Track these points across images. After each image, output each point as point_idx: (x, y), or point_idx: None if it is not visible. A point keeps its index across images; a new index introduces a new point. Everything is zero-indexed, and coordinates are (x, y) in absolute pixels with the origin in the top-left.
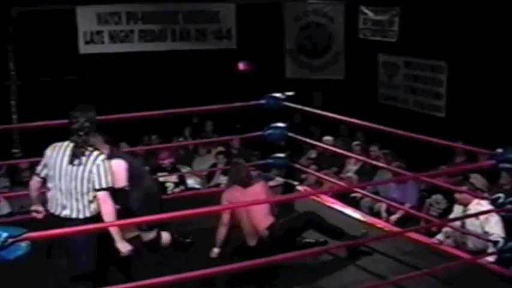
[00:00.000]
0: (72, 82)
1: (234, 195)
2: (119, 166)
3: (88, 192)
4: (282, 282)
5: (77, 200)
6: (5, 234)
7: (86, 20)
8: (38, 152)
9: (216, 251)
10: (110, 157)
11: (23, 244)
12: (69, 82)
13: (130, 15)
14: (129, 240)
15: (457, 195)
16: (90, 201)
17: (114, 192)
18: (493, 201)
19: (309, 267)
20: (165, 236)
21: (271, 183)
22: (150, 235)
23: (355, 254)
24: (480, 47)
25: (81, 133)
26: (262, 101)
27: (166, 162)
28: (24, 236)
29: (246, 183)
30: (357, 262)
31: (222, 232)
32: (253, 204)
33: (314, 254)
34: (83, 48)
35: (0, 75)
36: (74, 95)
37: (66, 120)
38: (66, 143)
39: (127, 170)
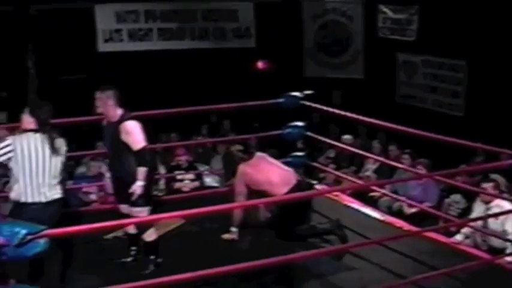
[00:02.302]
0: (91, 80)
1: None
2: (136, 126)
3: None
4: (299, 279)
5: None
6: (23, 231)
7: (104, 18)
8: None
9: (234, 230)
10: (123, 119)
11: (41, 241)
12: (87, 80)
13: (149, 14)
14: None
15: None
16: None
17: (136, 154)
18: None
19: (327, 265)
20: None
21: None
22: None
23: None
24: (499, 46)
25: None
26: (281, 100)
27: (183, 159)
28: (43, 233)
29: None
30: (375, 261)
31: (240, 202)
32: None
33: (332, 252)
34: (102, 47)
35: (20, 73)
36: (92, 92)
37: (86, 118)
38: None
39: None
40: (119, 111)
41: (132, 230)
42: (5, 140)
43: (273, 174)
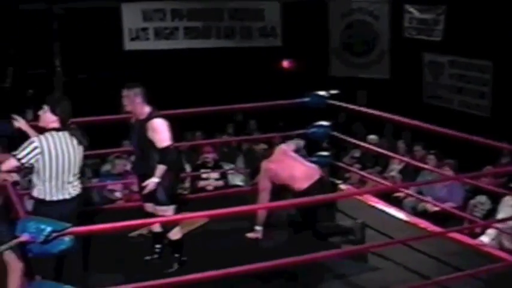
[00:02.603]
0: (117, 78)
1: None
2: (162, 124)
3: None
4: (322, 279)
5: None
6: (49, 229)
7: (131, 16)
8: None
9: (258, 228)
10: (151, 116)
11: (66, 238)
12: (114, 78)
13: (175, 12)
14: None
15: None
16: None
17: (160, 152)
18: None
19: (351, 265)
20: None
21: None
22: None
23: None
24: None
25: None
26: (307, 99)
27: (210, 157)
28: (68, 230)
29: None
30: (399, 261)
31: (264, 199)
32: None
33: (356, 252)
34: (128, 45)
35: (47, 72)
36: (119, 91)
37: (112, 116)
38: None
39: (169, 128)
40: (147, 109)
41: (157, 228)
42: (32, 142)
43: (296, 169)
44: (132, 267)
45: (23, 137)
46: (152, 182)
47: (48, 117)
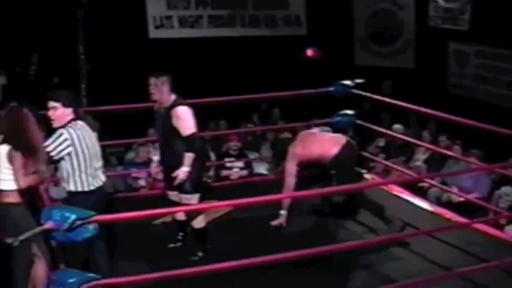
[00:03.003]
0: (142, 66)
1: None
2: (187, 112)
3: None
4: (346, 267)
5: None
6: (73, 216)
7: (155, 4)
8: (105, 135)
9: (283, 213)
10: (175, 104)
11: (91, 226)
12: (138, 66)
13: (200, 0)
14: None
15: None
16: None
17: (185, 140)
18: None
19: (374, 254)
20: None
21: None
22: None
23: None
24: None
25: None
26: (331, 88)
27: (234, 146)
28: (92, 218)
29: None
30: (423, 252)
31: (290, 183)
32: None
33: (380, 242)
34: (153, 33)
35: (71, 59)
36: (143, 79)
37: (136, 104)
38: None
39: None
40: (172, 97)
41: (181, 216)
42: (61, 134)
43: (322, 141)
44: (155, 255)
45: (48, 124)
46: (182, 171)
47: (64, 113)
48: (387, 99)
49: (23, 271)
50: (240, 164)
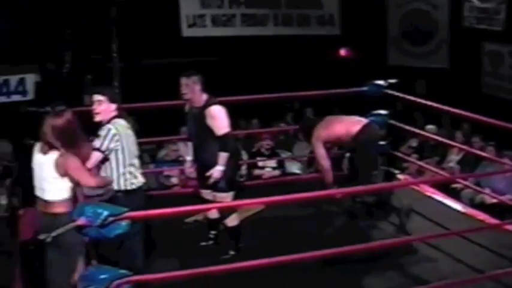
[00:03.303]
0: (175, 65)
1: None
2: (221, 111)
3: None
4: (377, 267)
5: None
6: (105, 213)
7: (188, 3)
8: (137, 133)
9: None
10: (209, 104)
11: (123, 223)
12: (171, 65)
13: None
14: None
15: None
16: None
17: (220, 139)
18: None
19: (406, 254)
20: None
21: None
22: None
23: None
24: None
25: None
26: (365, 88)
27: (267, 145)
28: (125, 215)
29: None
30: (454, 253)
31: (326, 165)
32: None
33: (408, 242)
34: (186, 32)
35: (104, 57)
36: (176, 77)
37: (169, 102)
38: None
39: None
40: (204, 96)
41: (213, 214)
42: (109, 130)
43: (344, 122)
44: (187, 253)
45: (80, 122)
46: (217, 170)
47: (108, 108)
48: (419, 100)
49: (56, 269)
50: (273, 163)
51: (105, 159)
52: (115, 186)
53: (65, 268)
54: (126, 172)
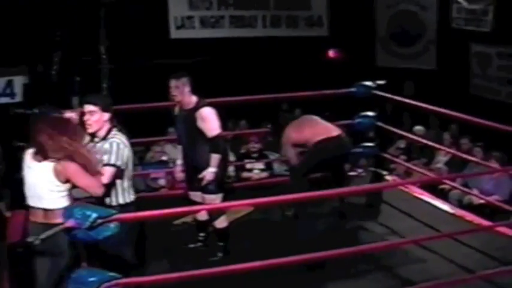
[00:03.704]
0: (163, 66)
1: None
2: (212, 113)
3: None
4: (366, 269)
5: None
6: (94, 215)
7: (177, 4)
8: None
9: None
10: (199, 106)
11: (112, 225)
12: (159, 66)
13: (221, 1)
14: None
15: None
16: None
17: (211, 141)
18: None
19: (395, 256)
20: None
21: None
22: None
23: None
24: None
25: None
26: (353, 89)
27: (256, 146)
28: (113, 217)
29: None
30: (444, 254)
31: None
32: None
33: (400, 245)
34: (174, 33)
35: (92, 59)
36: (164, 79)
37: (157, 103)
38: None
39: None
40: (194, 98)
41: (202, 216)
42: (112, 142)
43: (315, 127)
44: (176, 255)
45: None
46: (210, 172)
47: (101, 118)
48: (408, 101)
49: (45, 271)
50: (261, 165)
51: (120, 174)
52: (120, 201)
53: (52, 272)
54: (130, 185)
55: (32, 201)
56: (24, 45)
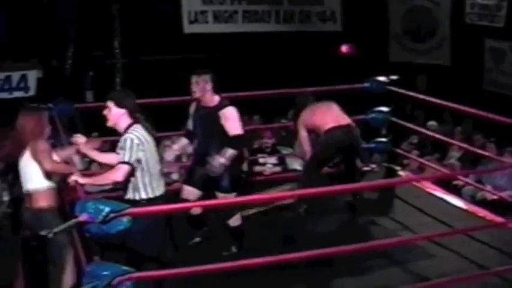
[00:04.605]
0: (176, 61)
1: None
2: (236, 113)
3: None
4: (379, 266)
5: None
6: (107, 209)
7: None
8: None
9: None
10: (223, 105)
11: (124, 219)
12: (173, 61)
13: None
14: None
15: None
16: None
17: (232, 139)
18: None
19: (408, 252)
20: None
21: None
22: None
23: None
24: None
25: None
26: (366, 84)
27: (269, 141)
28: (126, 211)
29: None
30: (457, 251)
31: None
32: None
33: (413, 241)
34: (187, 28)
35: (106, 54)
36: (177, 73)
37: (171, 98)
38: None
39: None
40: (216, 97)
41: (196, 210)
42: (127, 139)
43: (325, 115)
44: (188, 249)
45: (82, 118)
46: (218, 161)
47: (118, 112)
48: (421, 96)
49: (57, 264)
50: (274, 160)
51: (133, 171)
52: (142, 195)
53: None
54: (153, 180)
55: (23, 187)
56: (38, 40)
